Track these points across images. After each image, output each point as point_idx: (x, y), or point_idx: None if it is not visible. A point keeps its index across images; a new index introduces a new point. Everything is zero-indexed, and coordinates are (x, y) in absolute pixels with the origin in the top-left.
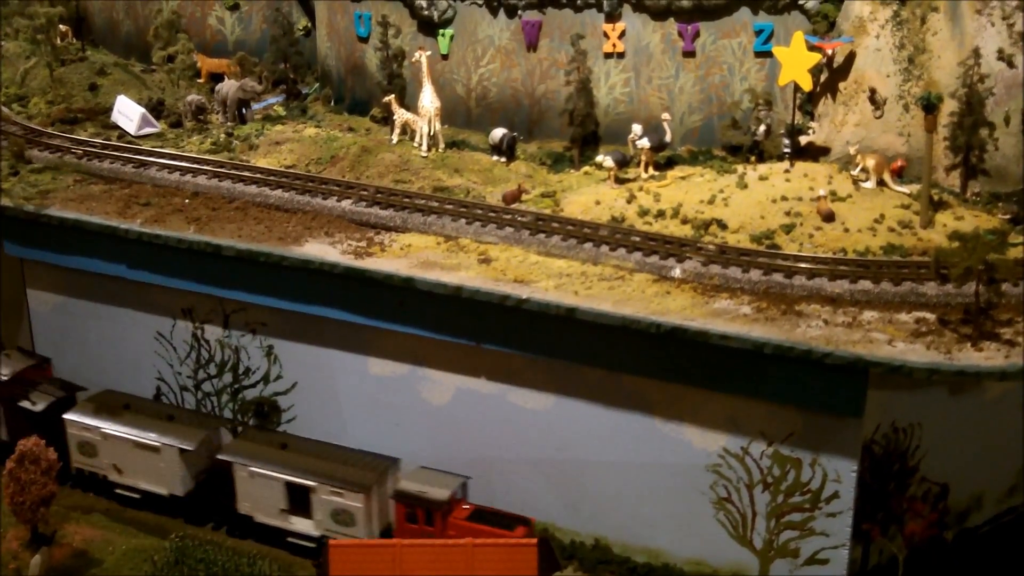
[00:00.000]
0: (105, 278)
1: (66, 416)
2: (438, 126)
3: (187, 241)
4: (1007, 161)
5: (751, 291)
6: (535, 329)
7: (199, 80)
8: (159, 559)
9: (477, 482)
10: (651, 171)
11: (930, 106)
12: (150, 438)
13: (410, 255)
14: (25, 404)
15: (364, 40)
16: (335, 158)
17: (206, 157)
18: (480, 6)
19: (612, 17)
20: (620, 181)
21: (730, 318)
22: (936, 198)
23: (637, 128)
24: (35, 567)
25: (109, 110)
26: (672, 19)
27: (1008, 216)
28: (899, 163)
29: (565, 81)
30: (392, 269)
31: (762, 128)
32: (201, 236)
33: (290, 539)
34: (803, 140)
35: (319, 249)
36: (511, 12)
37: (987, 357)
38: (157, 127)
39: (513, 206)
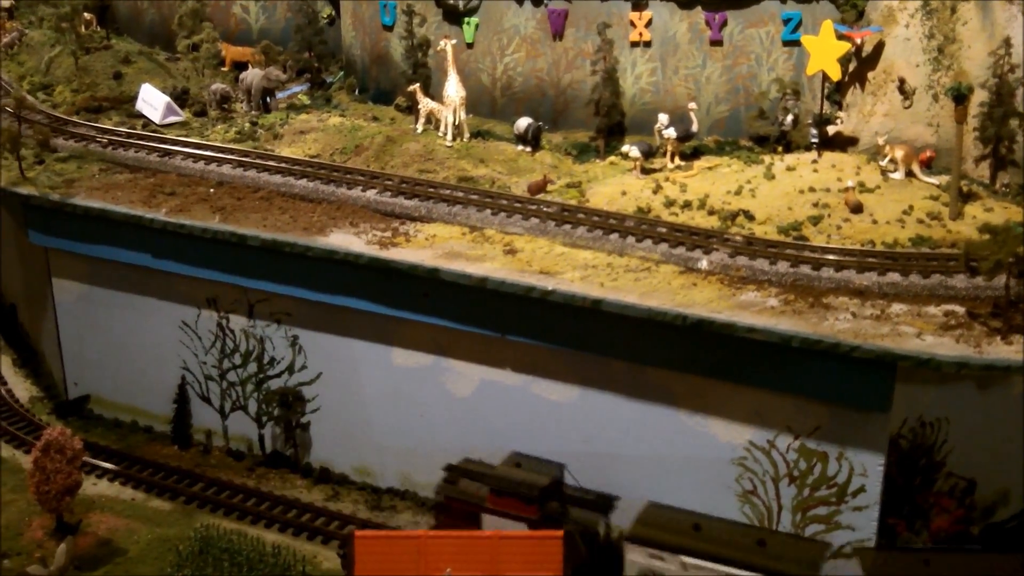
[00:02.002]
0: (130, 267)
1: (630, 542)
2: (463, 116)
3: (212, 231)
4: None
5: (778, 283)
6: (560, 321)
7: (223, 69)
8: (183, 549)
9: None
10: (677, 161)
11: (960, 97)
12: (750, 572)
13: (435, 246)
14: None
15: (389, 29)
16: (360, 148)
17: (231, 146)
18: None
19: (639, 6)
20: (646, 172)
21: (757, 311)
22: (965, 189)
23: (663, 118)
24: (60, 556)
25: (134, 99)
26: (699, 8)
27: None
28: (928, 154)
29: (591, 71)
30: (417, 260)
31: (789, 118)
32: (226, 226)
33: None
34: (831, 130)
35: (344, 239)
36: (537, 1)
37: (1016, 351)
38: (182, 116)
39: (538, 197)
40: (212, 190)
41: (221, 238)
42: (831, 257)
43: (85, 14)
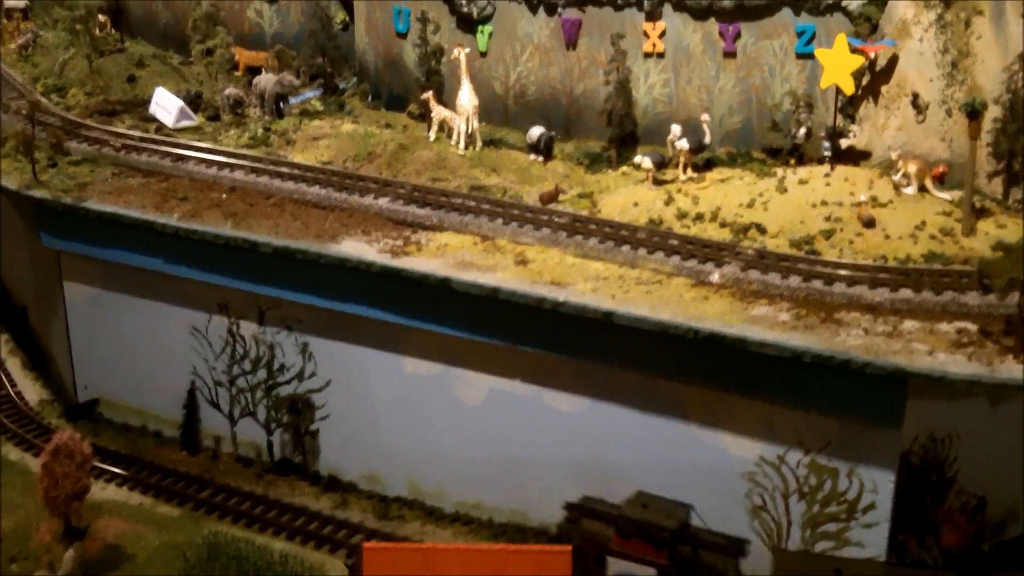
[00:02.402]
0: (141, 271)
1: None
2: (476, 124)
3: (224, 237)
4: None
5: (790, 297)
6: (571, 331)
7: (237, 73)
8: (191, 555)
9: (509, 484)
10: (689, 172)
11: (974, 112)
12: None
13: (446, 255)
14: None
15: (402, 36)
16: (372, 155)
17: (243, 152)
18: (520, 3)
19: (652, 16)
20: (658, 182)
21: (768, 325)
22: (978, 205)
23: (676, 129)
24: (68, 561)
25: (147, 102)
26: (713, 19)
27: None
28: (941, 168)
29: (604, 80)
30: (428, 269)
31: (802, 131)
32: (238, 232)
33: None
34: (844, 143)
35: (355, 247)
36: (551, 10)
37: None
38: (195, 120)
39: (550, 206)
40: (224, 196)
41: (233, 244)
42: (843, 272)
43: (99, 16)
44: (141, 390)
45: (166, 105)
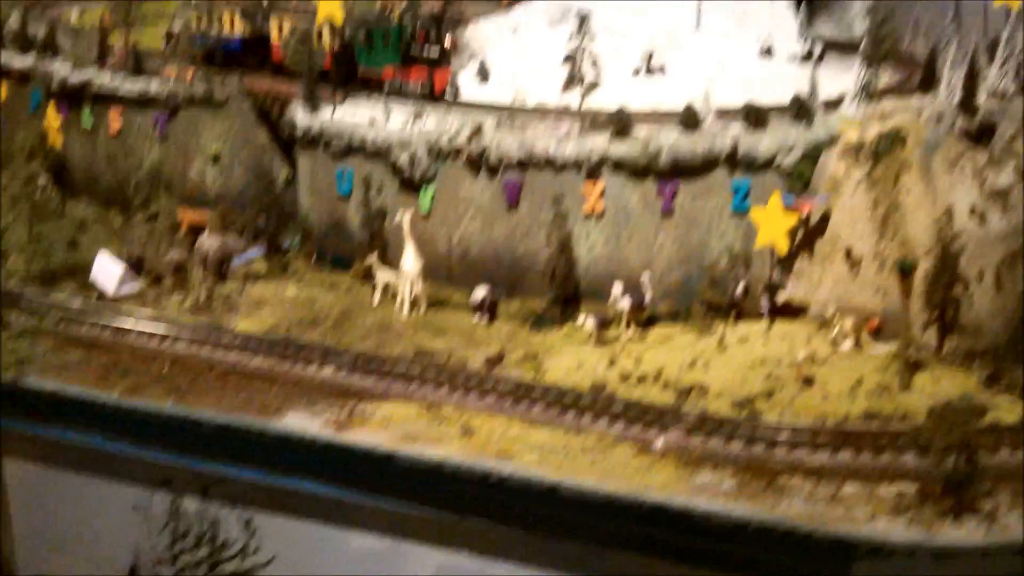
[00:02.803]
0: (82, 448)
1: None
2: (420, 287)
3: (166, 414)
4: (982, 317)
5: (733, 462)
6: (518, 503)
7: (179, 233)
8: None
9: None
10: (632, 331)
11: (906, 270)
12: None
13: (391, 426)
14: None
15: (346, 197)
16: (316, 320)
17: (186, 321)
18: (462, 166)
19: (592, 177)
20: (601, 342)
21: (712, 494)
22: (912, 359)
23: (617, 288)
24: None
25: (88, 268)
26: (651, 179)
27: (986, 373)
28: (875, 322)
29: (546, 240)
30: (373, 443)
31: (740, 287)
32: (179, 409)
33: None
34: (780, 298)
35: (299, 422)
36: (492, 172)
37: (968, 533)
38: (137, 286)
39: (495, 371)
40: (166, 369)
41: (175, 421)
42: (784, 436)
43: (40, 178)
44: (82, 568)
45: (108, 271)
